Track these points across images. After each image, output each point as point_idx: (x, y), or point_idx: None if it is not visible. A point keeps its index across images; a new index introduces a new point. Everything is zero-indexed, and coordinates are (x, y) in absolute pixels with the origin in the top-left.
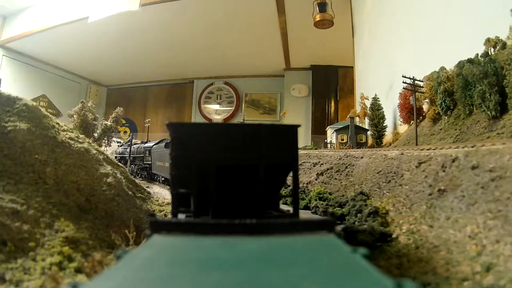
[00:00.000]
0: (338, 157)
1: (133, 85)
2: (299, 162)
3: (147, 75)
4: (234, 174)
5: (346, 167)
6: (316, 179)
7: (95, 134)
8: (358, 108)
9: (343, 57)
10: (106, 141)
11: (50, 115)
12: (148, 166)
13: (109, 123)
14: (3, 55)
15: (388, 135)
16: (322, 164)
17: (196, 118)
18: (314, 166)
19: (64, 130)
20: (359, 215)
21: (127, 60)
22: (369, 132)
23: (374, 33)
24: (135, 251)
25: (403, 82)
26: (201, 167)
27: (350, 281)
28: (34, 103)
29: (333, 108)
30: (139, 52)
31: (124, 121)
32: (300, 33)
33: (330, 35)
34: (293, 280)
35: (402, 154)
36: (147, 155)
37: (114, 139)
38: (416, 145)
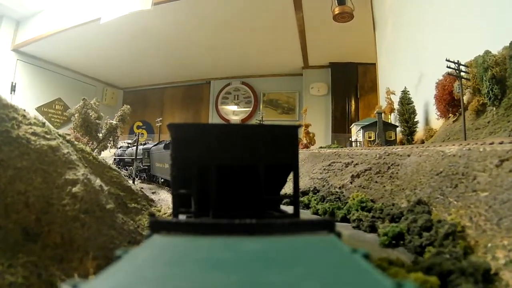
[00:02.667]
0: (377, 156)
1: (149, 87)
2: (328, 163)
3: (163, 76)
4: (235, 174)
5: (389, 168)
6: (351, 183)
7: (100, 134)
8: (383, 104)
9: (363, 54)
10: (112, 142)
11: (15, 106)
12: (147, 167)
13: (115, 122)
14: (17, 59)
15: (419, 132)
16: (356, 164)
17: (214, 119)
18: (346, 166)
19: (29, 124)
20: (425, 234)
21: (142, 62)
22: (398, 129)
23: (399, 24)
24: (135, 251)
25: (447, 67)
26: (202, 167)
27: (350, 281)
28: None
29: (353, 106)
30: (154, 53)
31: (141, 123)
32: (318, 30)
33: (349, 31)
34: (293, 281)
35: (469, 150)
36: (146, 156)
37: (127, 140)
38: (465, 139)
